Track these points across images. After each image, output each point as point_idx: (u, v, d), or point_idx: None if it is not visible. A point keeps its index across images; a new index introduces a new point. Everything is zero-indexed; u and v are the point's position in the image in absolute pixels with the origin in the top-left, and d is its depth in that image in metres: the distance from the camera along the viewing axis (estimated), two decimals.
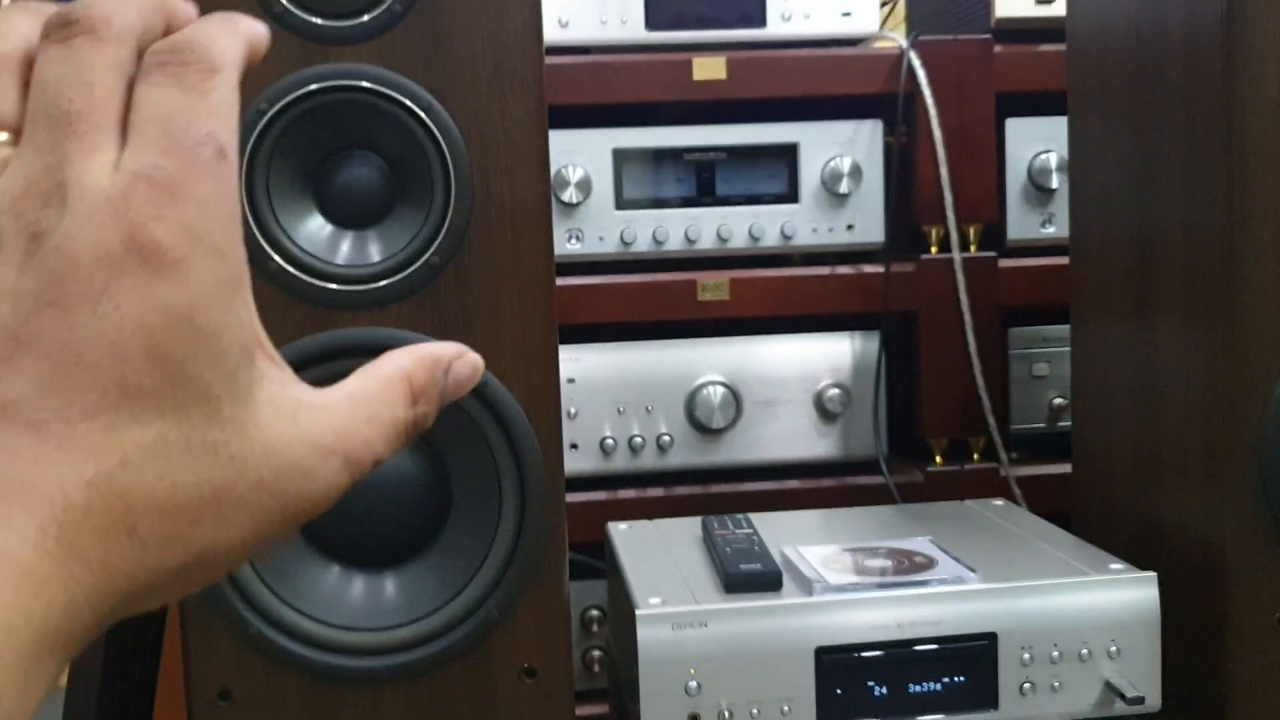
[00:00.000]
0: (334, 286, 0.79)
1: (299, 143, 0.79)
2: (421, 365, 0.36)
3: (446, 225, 0.80)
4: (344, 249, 0.80)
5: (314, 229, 0.80)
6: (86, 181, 0.30)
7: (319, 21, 0.78)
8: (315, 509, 0.33)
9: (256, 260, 0.79)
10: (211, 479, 0.30)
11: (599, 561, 1.19)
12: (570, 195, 1.26)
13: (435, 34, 0.79)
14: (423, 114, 0.78)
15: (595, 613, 1.28)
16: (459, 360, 0.38)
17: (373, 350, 0.79)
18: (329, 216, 0.80)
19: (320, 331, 0.80)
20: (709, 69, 1.28)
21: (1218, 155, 0.90)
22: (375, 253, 0.80)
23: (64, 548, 0.28)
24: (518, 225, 0.82)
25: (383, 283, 0.80)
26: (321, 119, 0.79)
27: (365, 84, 0.78)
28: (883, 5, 1.72)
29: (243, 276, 0.31)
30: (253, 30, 0.35)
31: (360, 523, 0.82)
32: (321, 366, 0.80)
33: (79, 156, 0.30)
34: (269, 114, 0.77)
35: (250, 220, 0.78)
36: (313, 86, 0.78)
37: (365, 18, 0.78)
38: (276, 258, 0.79)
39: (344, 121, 0.79)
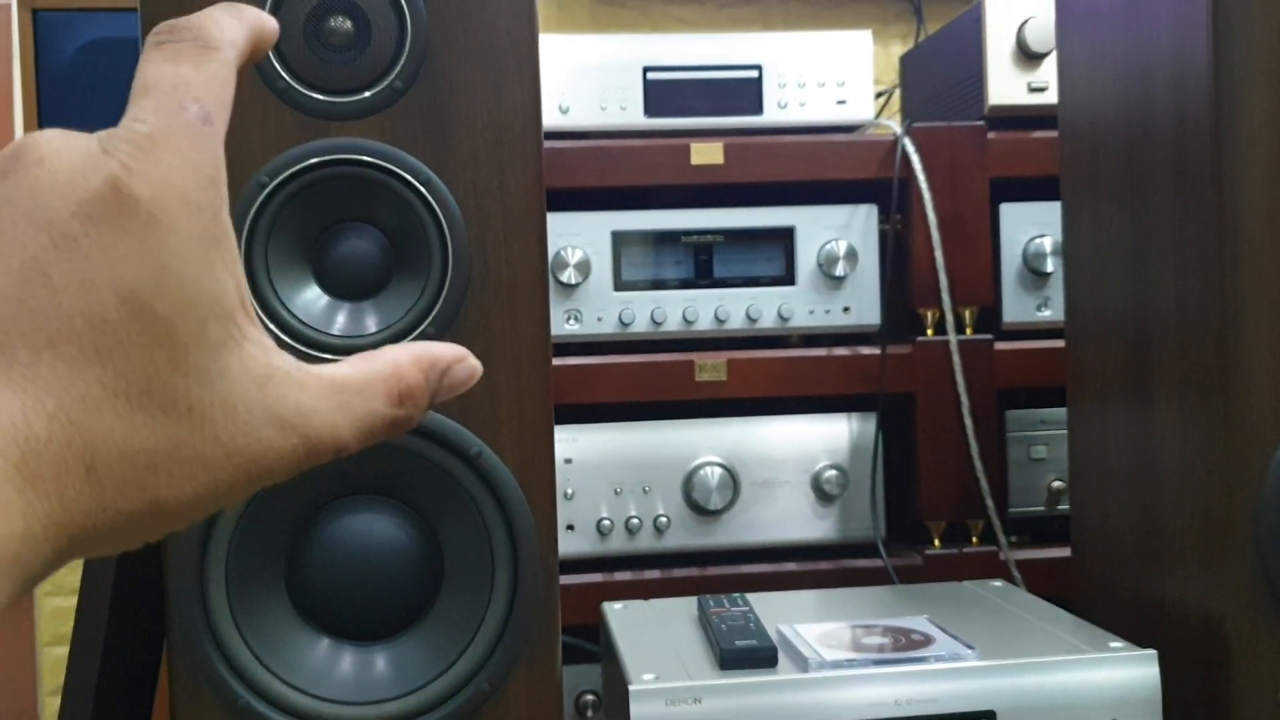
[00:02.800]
0: (329, 358, 0.80)
1: (298, 215, 0.80)
2: (416, 365, 0.36)
3: (443, 297, 0.81)
4: (340, 320, 0.81)
5: (310, 299, 0.81)
6: (74, 140, 0.31)
7: (321, 97, 0.80)
8: (269, 478, 0.33)
9: None
10: (169, 426, 0.30)
11: (594, 645, 1.18)
12: (569, 276, 1.27)
13: (435, 110, 0.81)
14: (422, 187, 0.80)
15: (590, 697, 1.27)
16: (459, 365, 0.37)
17: None
18: (326, 288, 0.81)
19: None
20: (707, 154, 1.30)
21: (1209, 235, 0.91)
22: (372, 324, 0.81)
23: (24, 476, 0.28)
24: (515, 298, 0.82)
25: None
26: (321, 192, 0.80)
27: (365, 158, 0.79)
28: (878, 96, 1.76)
29: (221, 237, 0.32)
30: (259, 20, 0.36)
31: (351, 595, 0.81)
32: None
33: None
34: (269, 187, 0.79)
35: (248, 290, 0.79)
36: (313, 160, 0.79)
37: (367, 94, 0.80)
38: (273, 327, 0.79)
39: (343, 194, 0.80)
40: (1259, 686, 0.87)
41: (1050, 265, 1.33)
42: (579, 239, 1.28)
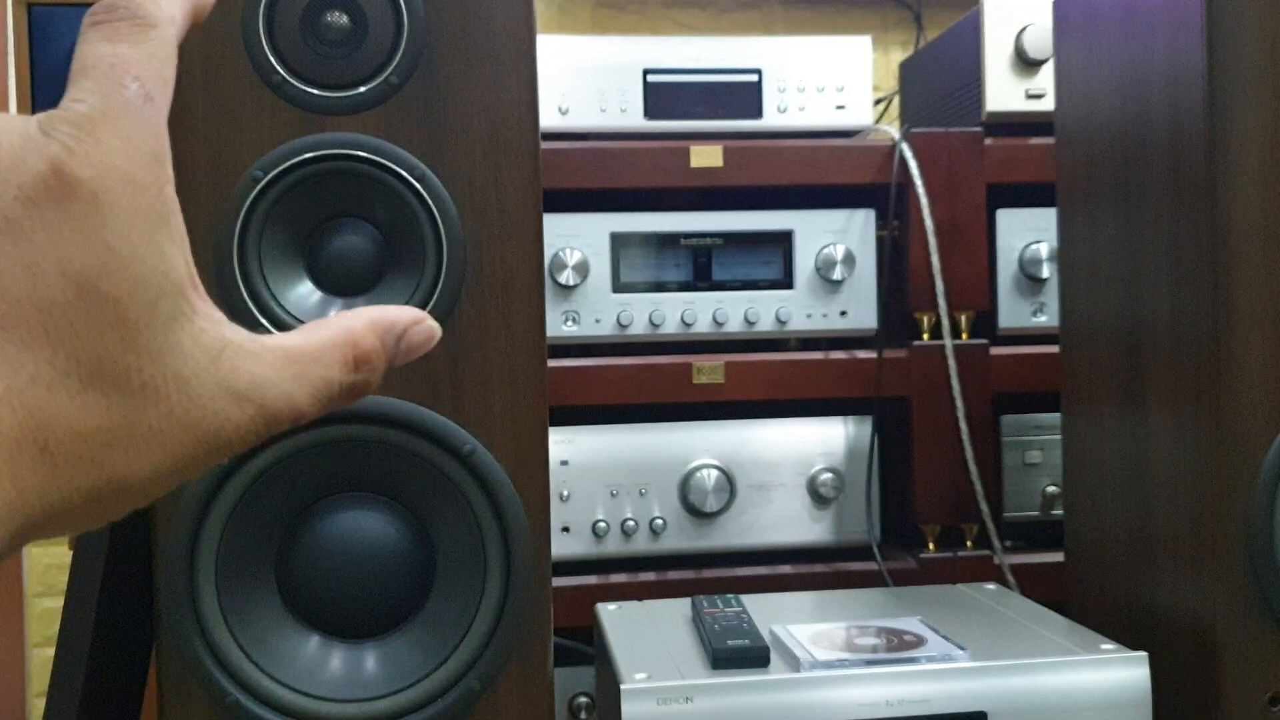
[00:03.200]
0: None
1: (292, 210, 0.80)
2: (371, 330, 0.36)
3: (437, 294, 0.81)
4: (333, 316, 0.81)
5: (304, 294, 0.81)
6: (13, 122, 0.31)
7: (316, 92, 0.80)
8: (228, 449, 0.33)
9: (245, 325, 0.79)
10: (122, 404, 0.30)
11: (589, 647, 1.18)
12: (568, 278, 1.27)
13: (431, 106, 0.81)
14: (416, 183, 0.80)
15: (584, 699, 1.26)
16: (415, 327, 0.37)
17: (360, 418, 0.80)
18: (319, 283, 0.81)
19: None
20: (706, 157, 1.30)
21: (1202, 242, 0.91)
22: None
23: None
24: (509, 295, 0.82)
25: None
26: (315, 187, 0.80)
27: (360, 153, 0.79)
28: (878, 102, 1.76)
29: (166, 214, 0.32)
30: None
31: (342, 592, 0.81)
32: (310, 432, 0.80)
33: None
34: (264, 181, 0.79)
35: (241, 285, 0.79)
36: (308, 155, 0.79)
37: (362, 89, 0.80)
38: (265, 323, 0.79)
39: (338, 190, 0.80)
40: (1249, 690, 0.87)
41: (1046, 271, 1.33)
42: (578, 240, 1.28)
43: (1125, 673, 0.87)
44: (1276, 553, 0.89)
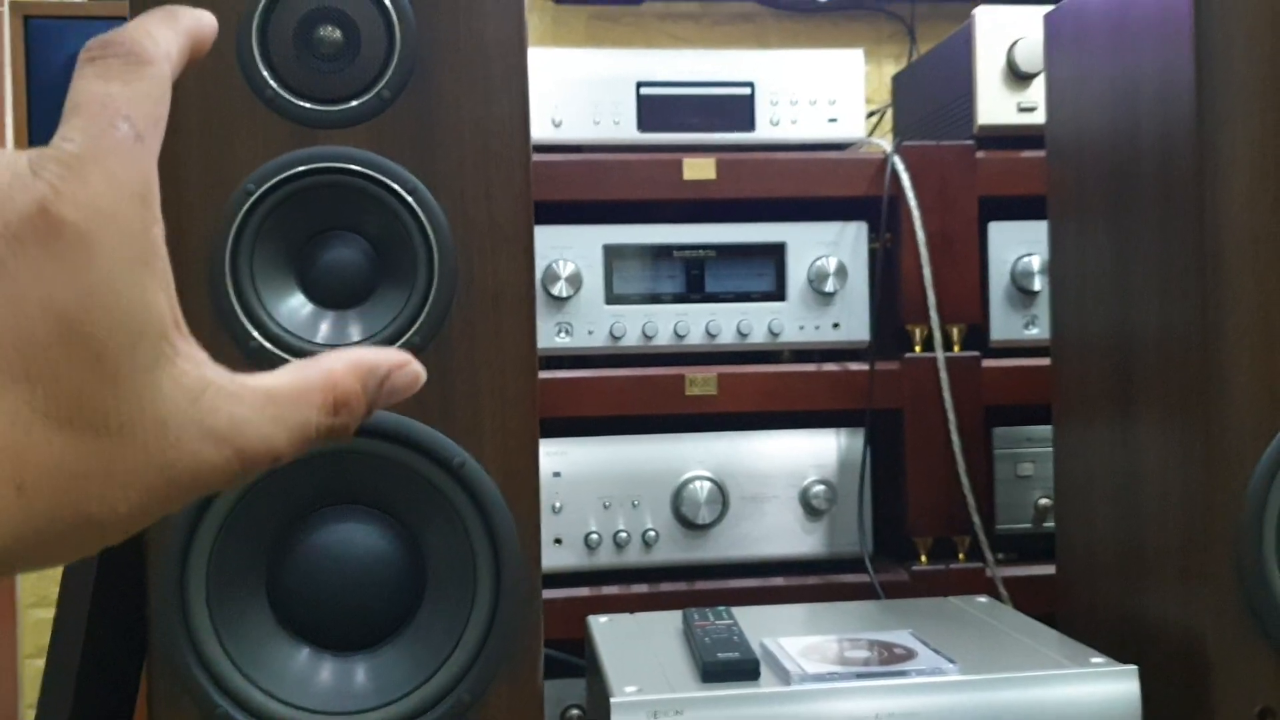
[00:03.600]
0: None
1: (284, 223, 0.81)
2: (352, 374, 0.36)
3: (428, 307, 0.81)
4: (324, 328, 0.81)
5: (295, 307, 0.81)
6: (2, 160, 0.31)
7: (309, 106, 0.80)
8: (204, 489, 0.33)
9: (238, 337, 0.80)
10: (100, 444, 0.31)
11: (581, 659, 1.18)
12: (561, 289, 1.28)
13: (423, 119, 0.81)
14: (408, 196, 0.80)
15: (575, 712, 1.26)
16: (399, 370, 0.37)
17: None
18: (311, 296, 0.82)
19: None
20: (699, 169, 1.31)
21: (1191, 255, 0.92)
22: (355, 332, 0.81)
23: None
24: (500, 308, 0.83)
25: None
26: (307, 200, 0.81)
27: (351, 166, 0.80)
28: (871, 115, 1.77)
29: (150, 256, 0.32)
30: (196, 23, 0.36)
31: (332, 604, 0.81)
32: None
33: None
34: (256, 194, 0.79)
35: (234, 297, 0.80)
36: (300, 168, 0.79)
37: (354, 103, 0.80)
38: (256, 335, 0.80)
39: (330, 203, 0.81)
40: (1239, 703, 0.88)
41: (1038, 284, 1.33)
42: (571, 252, 1.29)
43: (1115, 686, 0.87)
44: (1266, 566, 0.89)
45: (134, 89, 0.33)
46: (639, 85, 1.35)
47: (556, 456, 1.27)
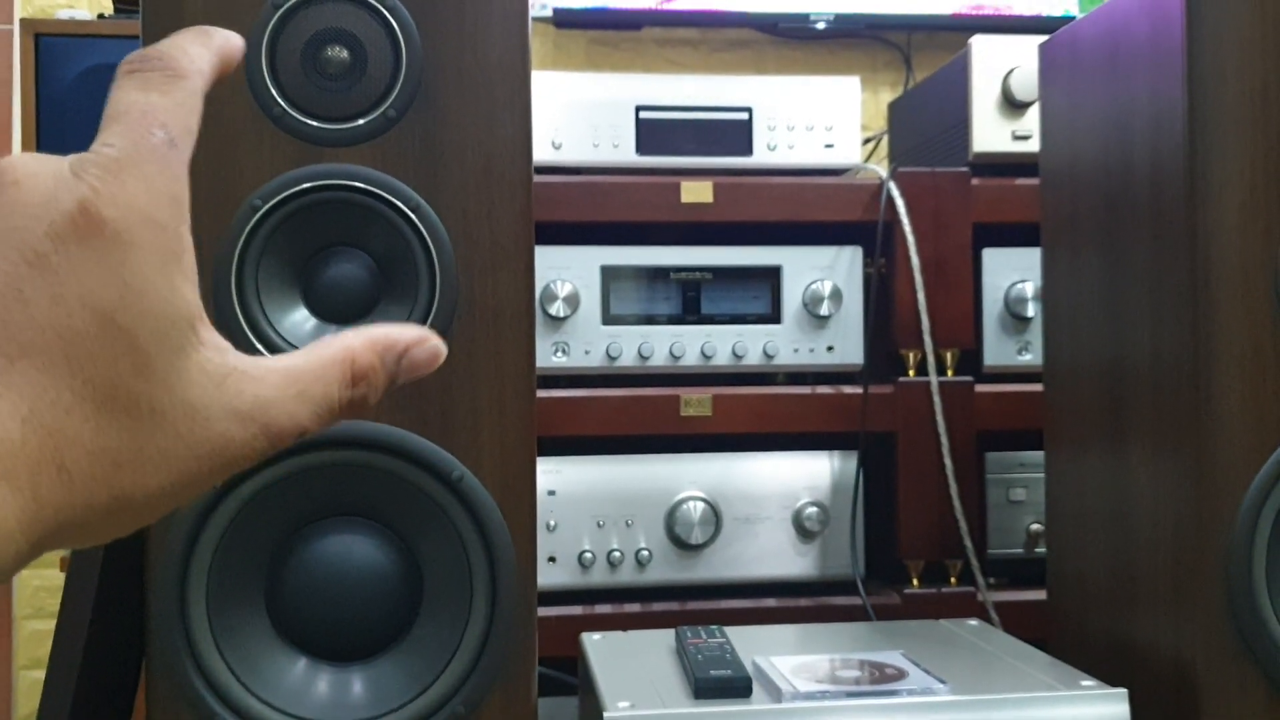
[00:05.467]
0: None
1: (290, 239, 0.82)
2: (369, 349, 0.38)
3: (429, 322, 0.82)
4: (333, 334, 0.82)
5: (299, 321, 0.82)
6: (47, 164, 0.33)
7: (315, 124, 0.81)
8: (234, 466, 0.35)
9: (242, 350, 0.81)
10: (133, 427, 0.33)
11: (573, 678, 1.18)
12: (558, 309, 1.29)
13: (427, 139, 0.82)
14: (411, 214, 0.81)
15: None
16: (419, 346, 0.39)
17: (350, 443, 0.81)
18: (314, 310, 0.83)
19: None
20: (696, 192, 1.32)
21: (1182, 283, 0.93)
22: None
23: (0, 474, 0.30)
24: (500, 325, 0.84)
25: None
26: (313, 216, 0.82)
27: (356, 183, 0.81)
28: (867, 141, 1.79)
29: (181, 252, 0.34)
30: (226, 42, 0.39)
31: (330, 615, 0.82)
32: (301, 457, 0.81)
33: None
34: (262, 210, 0.80)
35: (239, 311, 0.81)
36: (306, 185, 0.81)
37: (360, 121, 0.82)
38: (260, 348, 0.81)
39: (334, 219, 0.82)
40: None
41: (1031, 310, 1.35)
42: (568, 272, 1.30)
43: (1105, 709, 0.87)
44: (1256, 592, 0.90)
45: (170, 99, 0.35)
46: (638, 109, 1.37)
47: (551, 475, 1.28)
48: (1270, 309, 0.91)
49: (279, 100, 0.81)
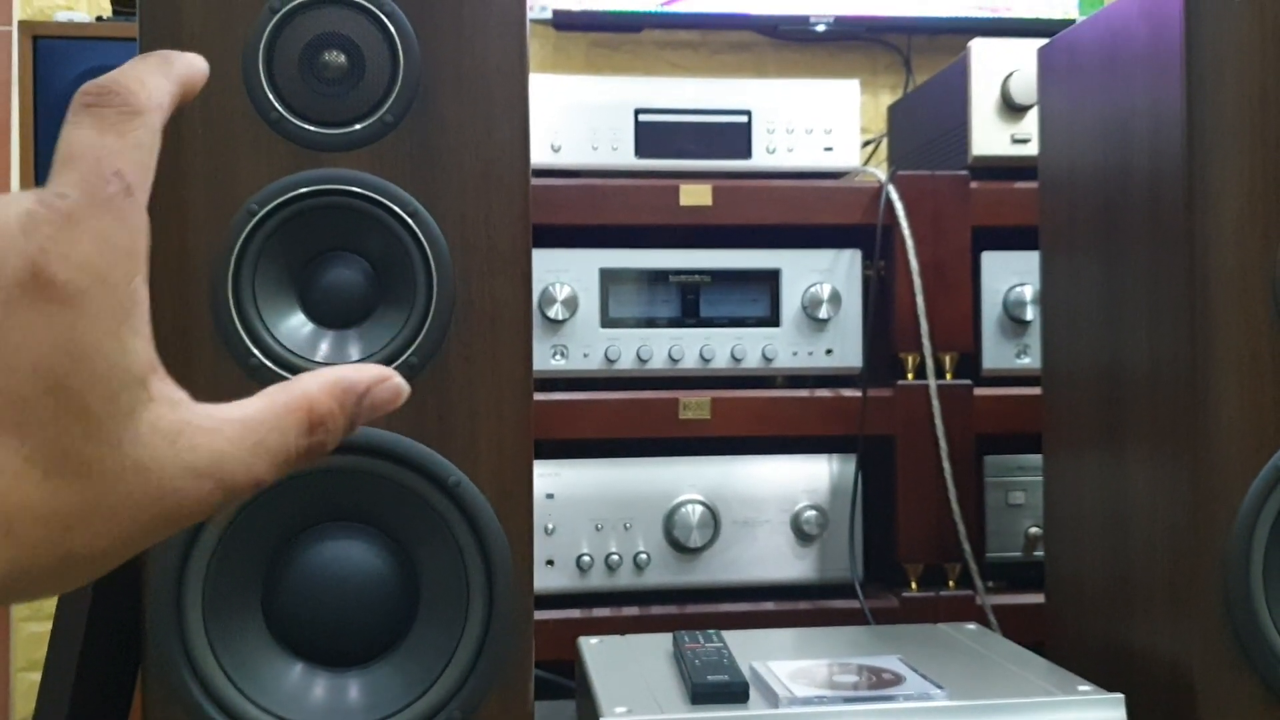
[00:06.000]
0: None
1: (287, 243, 0.82)
2: (328, 393, 0.37)
3: (426, 327, 0.82)
4: (323, 347, 0.82)
5: (295, 325, 0.82)
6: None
7: (313, 129, 0.81)
8: (187, 521, 0.35)
9: (238, 355, 0.81)
10: (84, 491, 0.32)
11: (571, 681, 1.18)
12: (557, 312, 1.29)
13: (425, 144, 0.82)
14: (409, 219, 0.81)
15: None
16: (380, 386, 0.38)
17: (347, 448, 0.81)
18: (311, 315, 0.83)
19: None
20: (695, 195, 1.32)
21: (1180, 287, 0.93)
22: (355, 351, 0.82)
23: None
24: (497, 329, 0.84)
25: None
26: (310, 221, 0.82)
27: (354, 188, 0.81)
28: (867, 144, 1.79)
29: (133, 308, 0.33)
30: (188, 69, 0.37)
31: (326, 621, 0.82)
32: None
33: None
34: (259, 215, 0.80)
35: (235, 316, 0.81)
36: (303, 189, 0.81)
37: (358, 126, 0.82)
38: (257, 353, 0.81)
39: (332, 224, 0.82)
40: None
41: (1030, 313, 1.35)
42: (567, 275, 1.30)
43: (1102, 714, 0.87)
44: (1253, 596, 0.90)
45: (127, 141, 0.34)
46: (637, 112, 1.37)
47: (550, 478, 1.27)
48: (1268, 313, 0.91)
49: (276, 105, 0.81)
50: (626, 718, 0.84)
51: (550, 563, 1.27)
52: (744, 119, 1.37)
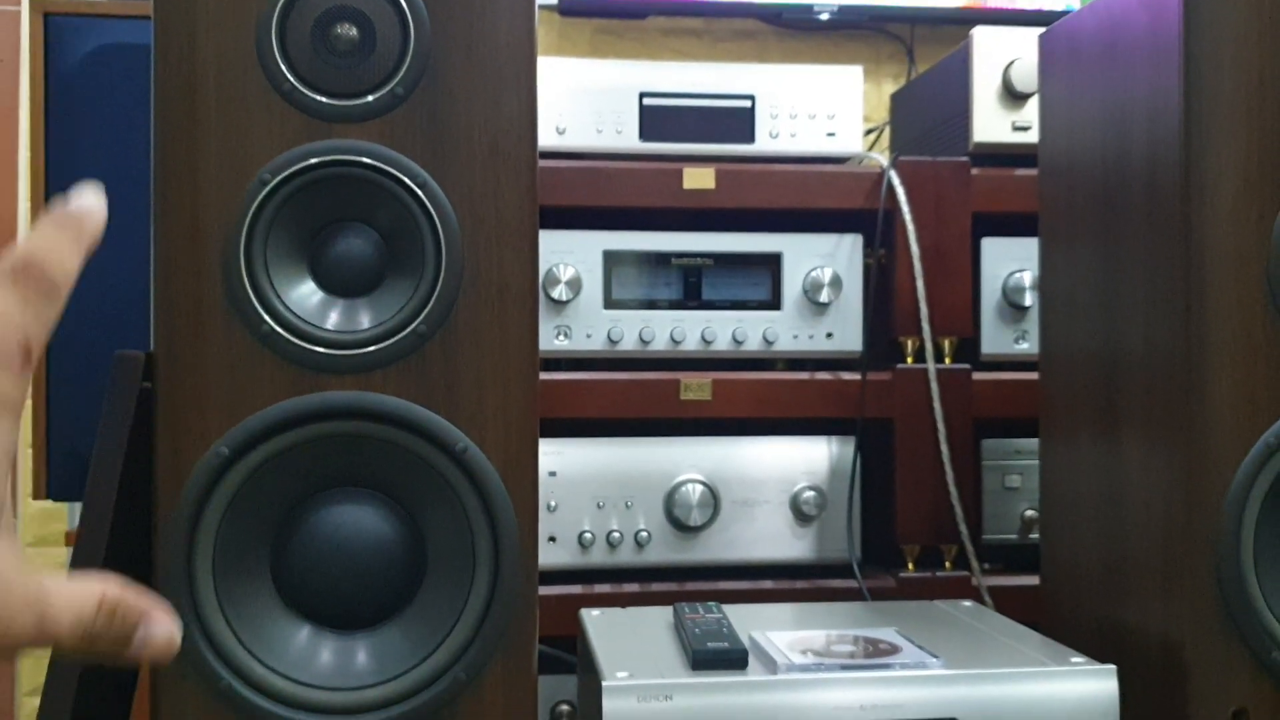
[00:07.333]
0: (322, 350, 0.83)
1: (298, 213, 0.83)
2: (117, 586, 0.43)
3: (435, 297, 0.83)
4: (334, 316, 0.84)
5: (306, 294, 0.84)
6: None
7: (324, 100, 0.83)
8: None
9: (250, 322, 0.82)
10: None
11: (572, 656, 1.20)
12: (560, 293, 1.30)
13: (434, 116, 0.84)
14: (418, 190, 0.83)
15: (566, 707, 1.28)
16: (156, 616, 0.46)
17: (356, 414, 0.82)
18: (322, 284, 0.84)
19: (308, 394, 0.83)
20: (699, 179, 1.34)
21: (1176, 273, 0.94)
22: (365, 320, 0.84)
23: None
24: (504, 300, 0.85)
25: (370, 348, 0.83)
26: (321, 191, 0.83)
27: (364, 159, 0.82)
28: (869, 132, 1.80)
29: None
30: (95, 229, 0.41)
31: (335, 584, 0.83)
32: (308, 427, 0.83)
33: None
34: (271, 184, 0.82)
35: (247, 284, 0.82)
36: (314, 160, 0.82)
37: (369, 98, 0.83)
38: (269, 320, 0.82)
39: (342, 194, 0.83)
40: (1214, 704, 0.90)
41: (1029, 299, 1.36)
42: (571, 256, 1.31)
43: (1094, 684, 0.89)
44: (1244, 573, 0.91)
45: (41, 319, 0.40)
46: (642, 96, 1.38)
47: (553, 456, 1.29)
48: (1262, 298, 0.93)
49: (289, 76, 0.83)
50: (628, 682, 0.85)
51: (552, 539, 1.29)
52: (748, 104, 1.39)
